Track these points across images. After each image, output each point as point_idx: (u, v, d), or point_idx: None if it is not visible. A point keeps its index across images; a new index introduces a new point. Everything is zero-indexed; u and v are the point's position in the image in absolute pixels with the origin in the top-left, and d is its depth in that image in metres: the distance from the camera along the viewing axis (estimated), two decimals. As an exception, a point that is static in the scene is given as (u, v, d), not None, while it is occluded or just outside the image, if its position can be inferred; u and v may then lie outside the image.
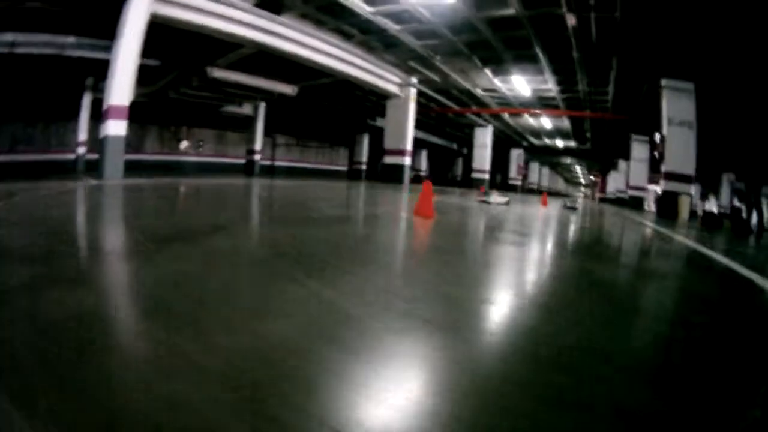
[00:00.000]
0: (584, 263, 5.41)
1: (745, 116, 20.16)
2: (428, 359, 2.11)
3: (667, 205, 18.84)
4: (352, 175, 40.43)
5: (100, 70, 21.54)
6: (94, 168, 23.84)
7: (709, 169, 33.84)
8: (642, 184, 33.46)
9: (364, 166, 41.85)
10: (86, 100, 24.99)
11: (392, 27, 17.65)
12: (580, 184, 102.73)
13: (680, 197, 18.60)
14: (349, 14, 16.65)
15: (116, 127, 12.82)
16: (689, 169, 18.77)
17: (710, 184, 41.98)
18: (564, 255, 6.15)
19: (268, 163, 35.65)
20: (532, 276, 4.47)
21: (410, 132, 25.62)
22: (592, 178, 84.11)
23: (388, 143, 26.18)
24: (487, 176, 38.19)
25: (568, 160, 61.16)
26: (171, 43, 17.25)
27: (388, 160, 26.15)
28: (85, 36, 18.96)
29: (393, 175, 25.24)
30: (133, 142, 28.45)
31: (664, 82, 18.72)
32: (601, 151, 45.10)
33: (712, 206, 38.08)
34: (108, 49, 18.69)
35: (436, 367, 2.00)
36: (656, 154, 20.01)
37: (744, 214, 17.16)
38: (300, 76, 23.72)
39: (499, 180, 49.18)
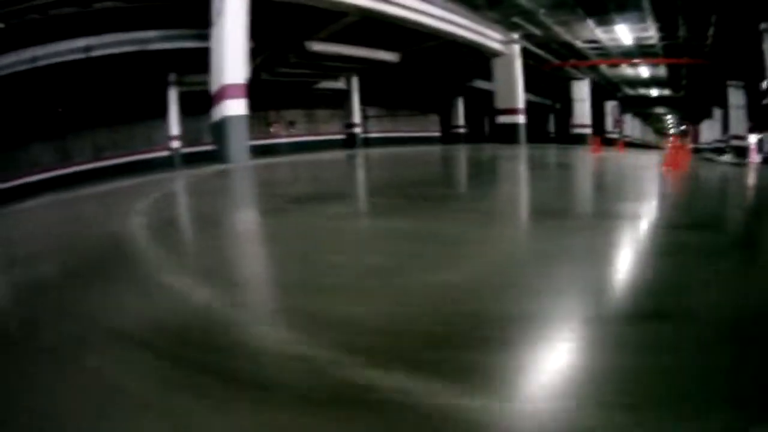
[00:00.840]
0: None
1: None
2: None
3: None
4: (449, 139, 40.32)
5: (184, 63, 23.07)
6: (193, 161, 24.39)
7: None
8: (742, 132, 32.61)
9: (461, 130, 41.88)
10: (173, 95, 25.73)
11: None
12: (670, 134, 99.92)
13: None
14: None
15: (236, 107, 12.66)
16: None
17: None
18: None
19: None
20: None
21: (521, 89, 25.80)
22: (683, 127, 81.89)
23: (500, 103, 26.33)
24: (588, 131, 37.58)
25: (660, 110, 60.36)
26: (267, 21, 17.10)
27: (502, 119, 26.33)
28: (163, 28, 19.63)
29: (507, 134, 25.34)
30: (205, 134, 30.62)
31: (763, 25, 18.49)
32: (696, 98, 44.21)
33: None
34: (195, 37, 19.98)
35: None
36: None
37: None
38: (402, 42, 24.51)
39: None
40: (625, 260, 3.27)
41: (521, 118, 25.91)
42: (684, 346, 1.86)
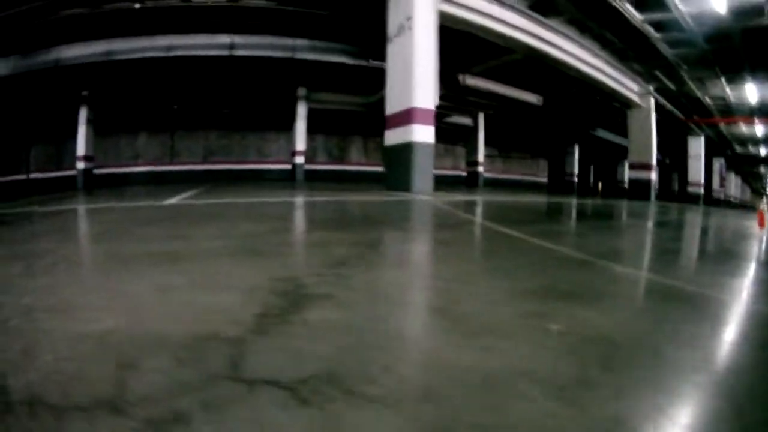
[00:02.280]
0: None
1: None
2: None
3: None
4: (558, 187, 40.05)
5: (317, 78, 23.73)
6: (314, 178, 26.41)
7: None
8: None
9: (575, 179, 42.88)
10: (301, 110, 26.57)
11: (653, 34, 20.03)
12: (766, 194, 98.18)
13: None
14: (617, 21, 18.59)
15: (423, 133, 12.03)
16: None
17: None
18: None
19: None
20: None
21: (654, 145, 26.28)
22: None
23: (633, 157, 26.97)
24: (701, 190, 37.87)
25: (763, 169, 60.85)
26: None
27: (633, 175, 26.95)
28: (310, 38, 19.50)
29: (639, 190, 25.56)
30: (335, 153, 32.41)
31: None
32: None
33: None
34: (341, 52, 20.33)
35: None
36: None
37: None
38: (545, 85, 26.51)
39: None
40: None
41: (654, 175, 26.25)
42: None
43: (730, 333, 2.31)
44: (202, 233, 4.33)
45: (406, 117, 12.16)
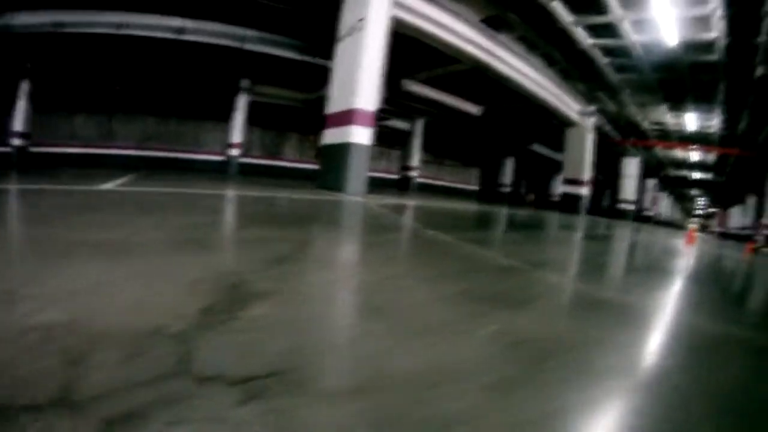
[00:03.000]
0: None
1: None
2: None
3: None
4: (490, 197, 40.35)
5: (264, 71, 23.23)
6: (249, 172, 26.28)
7: None
8: None
9: (507, 189, 43.85)
10: (242, 102, 26.01)
11: (600, 60, 20.72)
12: (696, 215, 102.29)
13: None
14: (567, 43, 18.76)
15: (362, 135, 12.07)
16: None
17: None
18: None
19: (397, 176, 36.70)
20: None
21: (589, 162, 27.35)
22: (711, 210, 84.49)
23: (567, 173, 28.03)
24: (632, 207, 40.09)
25: (695, 192, 63.32)
26: None
27: (566, 189, 27.93)
28: (260, 30, 19.16)
29: (570, 204, 26.81)
30: (271, 148, 31.67)
31: None
32: (735, 185, 46.63)
33: None
34: (292, 47, 19.98)
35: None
36: None
37: None
38: (487, 97, 26.88)
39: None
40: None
41: (585, 190, 27.35)
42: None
43: (651, 340, 2.49)
44: (141, 223, 4.16)
45: (347, 117, 12.18)
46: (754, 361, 2.32)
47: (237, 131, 26.60)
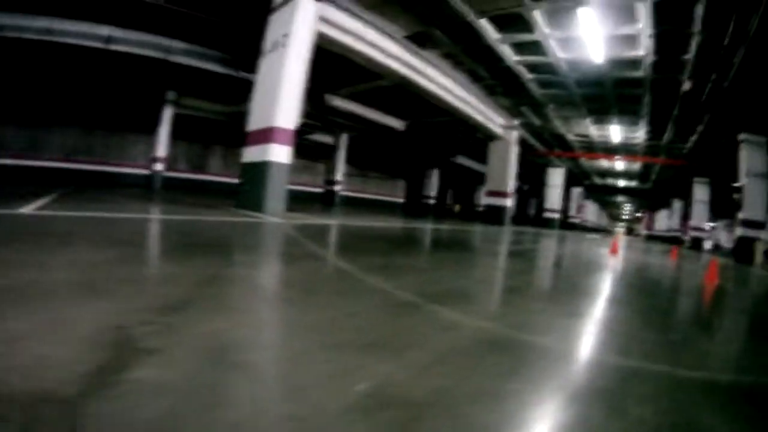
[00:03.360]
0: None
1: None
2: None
3: (743, 250, 20.90)
4: (415, 209, 41.93)
5: (190, 84, 23.37)
6: (174, 187, 25.68)
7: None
8: (702, 224, 36.65)
9: (432, 201, 44.27)
10: (167, 115, 25.46)
11: (525, 75, 20.37)
12: (623, 220, 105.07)
13: (756, 242, 20.60)
14: (493, 59, 18.74)
15: (281, 153, 11.87)
16: (761, 216, 21.33)
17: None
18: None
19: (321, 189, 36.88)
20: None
21: (513, 174, 27.53)
22: (638, 215, 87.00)
23: (491, 185, 28.07)
24: (557, 215, 41.21)
25: (620, 198, 64.66)
26: None
27: (489, 201, 27.93)
28: (188, 42, 18.90)
29: (494, 216, 26.93)
30: (196, 161, 31.21)
31: (741, 136, 21.66)
32: (661, 191, 48.11)
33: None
34: (218, 61, 20.31)
35: None
36: (735, 198, 22.40)
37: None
38: (412, 112, 26.55)
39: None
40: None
41: (510, 202, 27.63)
42: None
43: (549, 389, 2.18)
44: (48, 261, 3.80)
45: (266, 135, 11.96)
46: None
47: (162, 145, 26.01)
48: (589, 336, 3.27)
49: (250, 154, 12.61)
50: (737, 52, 14.86)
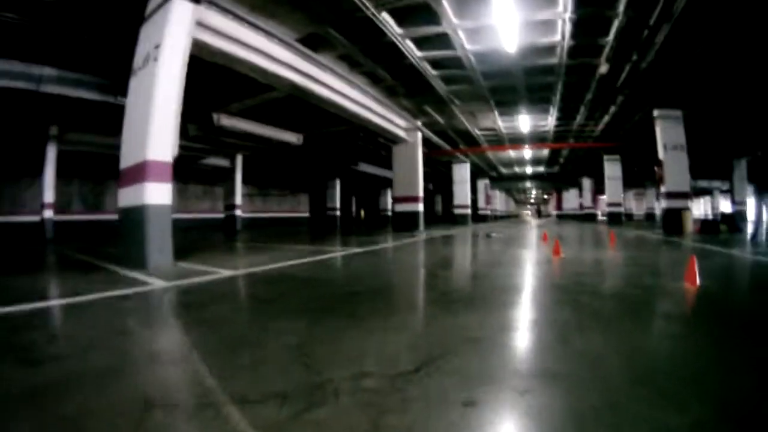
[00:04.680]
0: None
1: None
2: None
3: (672, 221, 21.64)
4: (320, 223, 41.27)
5: (72, 116, 20.77)
6: (66, 233, 23.91)
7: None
8: (618, 200, 38.03)
9: (338, 212, 43.02)
10: (51, 153, 23.14)
11: (430, 72, 18.87)
12: (529, 203, 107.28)
13: (683, 213, 21.52)
14: (394, 57, 17.21)
15: (158, 193, 9.56)
16: (686, 186, 21.97)
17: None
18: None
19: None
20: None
21: (420, 177, 26.23)
22: (545, 196, 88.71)
23: (398, 191, 26.64)
24: (468, 211, 40.28)
25: (528, 184, 65.04)
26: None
27: (400, 208, 26.44)
28: (61, 67, 16.61)
29: (406, 222, 25.60)
30: (90, 200, 28.56)
31: (656, 112, 21.83)
32: (570, 172, 48.57)
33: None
34: (95, 87, 17.81)
35: None
36: (657, 172, 22.76)
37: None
38: (307, 124, 24.63)
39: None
40: None
41: (421, 206, 26.24)
42: None
43: None
44: None
45: (140, 172, 9.55)
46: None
47: (49, 188, 23.26)
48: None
49: (126, 197, 10.03)
50: (660, 31, 14.19)
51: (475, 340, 3.66)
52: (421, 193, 26.43)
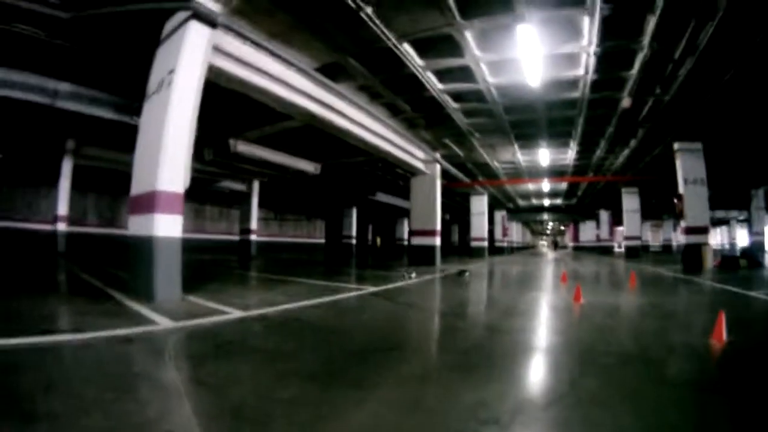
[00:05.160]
0: None
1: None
2: None
3: (692, 257, 21.39)
4: (336, 249, 40.64)
5: (89, 131, 20.98)
6: (82, 247, 23.86)
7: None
8: (636, 233, 37.90)
9: (353, 240, 42.29)
10: (66, 167, 23.59)
11: (451, 105, 18.74)
12: (545, 234, 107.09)
13: (703, 248, 21.34)
14: (416, 89, 17.02)
15: (168, 225, 9.12)
16: (705, 221, 21.82)
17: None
18: None
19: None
20: None
21: (438, 211, 25.79)
22: (562, 228, 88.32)
23: (416, 224, 26.16)
24: (485, 243, 39.66)
25: (545, 216, 64.15)
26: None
27: (417, 241, 25.95)
28: (78, 83, 16.52)
29: (423, 256, 25.01)
30: (106, 214, 29.37)
31: (677, 145, 21.83)
32: (587, 205, 48.34)
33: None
34: (110, 106, 17.74)
35: None
36: (677, 206, 22.30)
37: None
38: (325, 153, 24.61)
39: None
40: None
41: (438, 240, 25.64)
42: None
43: None
44: None
45: (150, 202, 9.13)
46: None
47: (63, 200, 23.64)
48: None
49: (135, 225, 9.66)
50: (684, 64, 14.11)
51: (495, 423, 3.26)
52: (438, 227, 25.93)
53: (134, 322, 6.71)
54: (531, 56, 14.11)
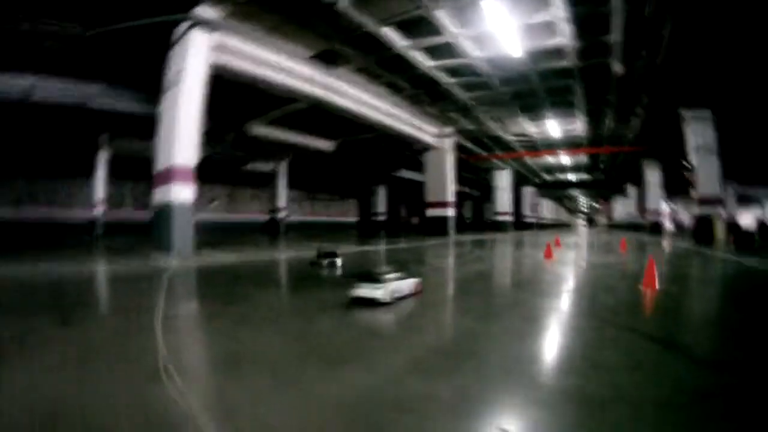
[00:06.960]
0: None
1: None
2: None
3: (703, 229, 20.40)
4: (368, 227, 40.91)
5: (121, 125, 22.25)
6: (115, 232, 25.10)
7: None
8: (659, 207, 36.45)
9: (382, 218, 42.98)
10: (102, 157, 25.28)
11: (446, 80, 19.37)
12: (581, 212, 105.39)
13: (715, 220, 20.31)
14: (408, 68, 17.78)
15: (182, 193, 11.72)
16: (716, 191, 20.72)
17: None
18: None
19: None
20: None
21: (451, 183, 26.58)
22: (596, 205, 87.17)
23: (430, 196, 27.04)
24: (509, 218, 40.17)
25: (575, 192, 64.14)
26: (212, 98, 13.86)
27: (431, 213, 26.88)
28: (106, 84, 18.04)
29: (436, 227, 25.96)
30: (143, 200, 30.04)
31: (684, 113, 21.14)
32: (612, 179, 47.77)
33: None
34: (139, 100, 19.03)
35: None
36: (687, 176, 21.70)
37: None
38: (339, 131, 25.47)
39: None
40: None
41: (451, 211, 26.52)
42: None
43: None
44: None
45: (167, 176, 11.89)
46: None
47: (99, 187, 25.69)
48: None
49: (158, 195, 12.35)
50: (664, 25, 14.03)
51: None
52: (450, 198, 26.71)
53: (156, 263, 10.22)
54: (504, 28, 14.59)
